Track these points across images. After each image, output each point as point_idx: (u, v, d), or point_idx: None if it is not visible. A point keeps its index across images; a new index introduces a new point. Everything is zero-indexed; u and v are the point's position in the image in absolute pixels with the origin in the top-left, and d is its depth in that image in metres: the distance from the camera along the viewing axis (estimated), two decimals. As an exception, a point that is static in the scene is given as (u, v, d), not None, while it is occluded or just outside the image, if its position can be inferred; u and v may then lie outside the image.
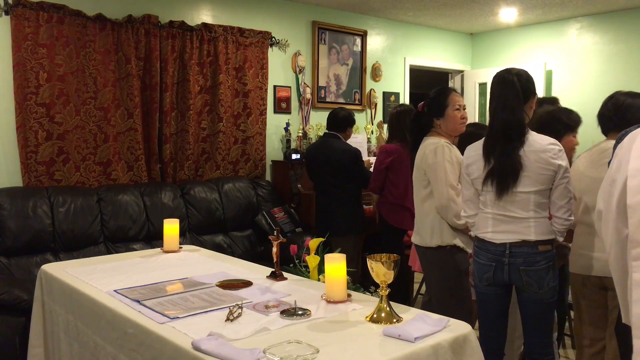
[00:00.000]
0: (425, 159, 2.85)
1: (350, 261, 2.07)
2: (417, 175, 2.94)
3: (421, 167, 2.88)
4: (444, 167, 2.78)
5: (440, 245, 2.85)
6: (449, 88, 3.06)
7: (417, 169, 2.94)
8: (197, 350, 1.59)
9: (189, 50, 4.65)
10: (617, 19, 5.90)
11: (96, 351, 2.13)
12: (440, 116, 2.87)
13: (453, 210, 2.75)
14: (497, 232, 2.44)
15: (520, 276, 2.39)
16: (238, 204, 4.72)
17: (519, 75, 2.53)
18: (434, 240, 2.86)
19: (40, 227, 3.77)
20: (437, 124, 2.89)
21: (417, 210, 2.99)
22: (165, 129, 4.58)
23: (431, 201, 2.86)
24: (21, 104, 3.92)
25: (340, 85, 5.89)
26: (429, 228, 2.87)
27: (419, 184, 2.93)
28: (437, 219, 2.83)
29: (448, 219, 2.79)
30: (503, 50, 6.91)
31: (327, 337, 1.70)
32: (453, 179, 2.78)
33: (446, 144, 2.83)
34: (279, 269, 2.42)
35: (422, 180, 2.90)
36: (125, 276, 2.47)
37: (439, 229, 2.84)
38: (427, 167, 2.83)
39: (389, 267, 1.82)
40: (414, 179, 2.99)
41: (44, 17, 3.98)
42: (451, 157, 2.80)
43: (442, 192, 2.78)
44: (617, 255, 1.03)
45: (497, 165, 2.40)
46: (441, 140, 2.84)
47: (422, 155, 2.88)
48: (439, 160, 2.79)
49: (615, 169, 1.05)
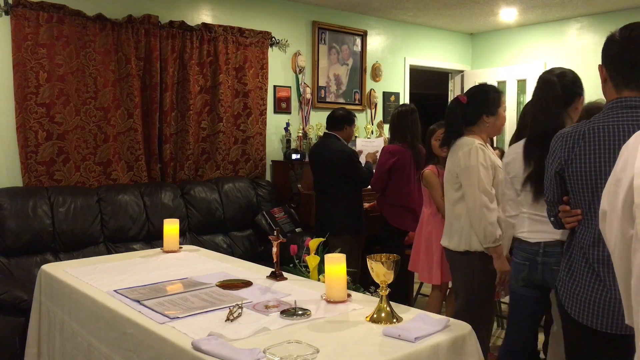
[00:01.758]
0: (457, 161, 2.72)
1: (347, 261, 2.07)
2: (449, 177, 2.82)
3: (453, 169, 2.76)
4: (477, 171, 2.65)
5: (468, 251, 2.74)
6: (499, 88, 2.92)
7: (448, 171, 2.82)
8: (197, 350, 1.59)
9: (189, 50, 4.65)
10: (617, 19, 5.90)
11: (89, 352, 2.13)
12: (492, 114, 2.73)
13: (486, 217, 2.63)
14: (532, 232, 2.43)
15: (553, 276, 2.35)
16: (238, 204, 4.72)
17: (561, 76, 2.44)
18: (462, 245, 2.76)
19: (40, 227, 3.77)
20: (484, 121, 2.74)
21: (447, 213, 2.88)
22: (165, 129, 4.58)
23: (462, 205, 2.75)
24: (21, 104, 3.92)
25: (340, 85, 5.89)
26: (458, 232, 2.77)
27: (451, 186, 2.81)
28: (467, 224, 2.72)
29: (481, 226, 2.65)
30: (503, 50, 6.91)
31: (327, 337, 1.70)
32: (487, 183, 2.66)
33: (480, 146, 2.69)
34: (279, 269, 2.42)
35: (453, 183, 2.78)
36: (125, 276, 2.47)
37: (468, 233, 2.72)
38: (460, 170, 2.71)
39: (389, 267, 1.82)
40: (445, 181, 2.87)
41: (44, 17, 3.98)
42: (485, 159, 2.67)
43: (475, 198, 2.65)
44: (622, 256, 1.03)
45: (536, 169, 2.35)
46: (475, 142, 2.70)
47: (455, 157, 2.75)
48: (473, 164, 2.65)
49: (620, 169, 1.05)
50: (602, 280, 1.75)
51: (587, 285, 1.80)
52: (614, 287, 1.72)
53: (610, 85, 1.77)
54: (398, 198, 4.02)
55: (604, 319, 1.75)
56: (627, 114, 1.71)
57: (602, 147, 1.73)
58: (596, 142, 1.75)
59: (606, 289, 1.74)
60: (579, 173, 1.79)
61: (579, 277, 1.84)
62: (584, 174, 1.78)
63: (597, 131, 1.75)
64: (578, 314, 1.83)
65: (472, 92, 2.82)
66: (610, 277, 1.74)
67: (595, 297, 1.77)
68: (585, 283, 1.81)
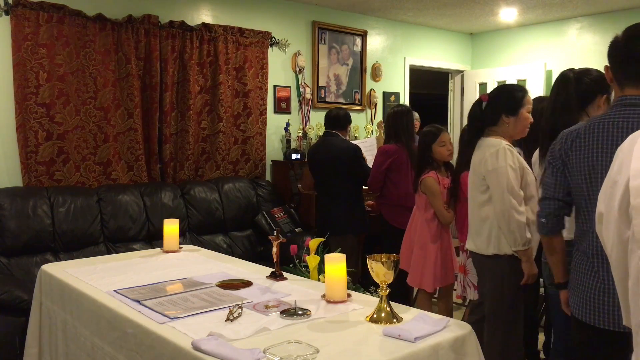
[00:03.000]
0: (484, 163, 2.61)
1: (348, 261, 2.07)
2: (475, 179, 2.72)
3: (480, 171, 2.66)
4: (505, 173, 2.55)
5: (496, 254, 2.64)
6: (525, 88, 2.76)
7: (474, 173, 2.72)
8: (197, 350, 1.59)
9: (189, 50, 4.65)
10: (617, 19, 5.90)
11: (93, 352, 2.13)
12: (513, 114, 2.62)
13: (515, 220, 2.54)
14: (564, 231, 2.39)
15: None
16: (238, 204, 4.72)
17: (581, 74, 2.38)
18: (490, 249, 2.66)
19: (40, 227, 3.77)
20: (504, 122, 2.63)
21: (472, 216, 2.78)
22: (165, 129, 4.58)
23: (489, 207, 2.65)
24: (21, 104, 3.92)
25: (340, 85, 5.89)
26: (486, 235, 2.67)
27: (476, 188, 2.71)
28: (495, 226, 2.63)
29: (510, 229, 2.56)
30: (503, 50, 6.91)
31: (327, 337, 1.70)
32: (515, 185, 2.56)
33: (508, 147, 2.59)
34: (279, 269, 2.42)
35: (480, 185, 2.68)
36: (125, 276, 2.47)
37: (497, 236, 2.63)
38: (487, 172, 2.61)
39: (389, 267, 1.82)
40: (470, 183, 2.77)
41: (44, 17, 3.98)
42: (514, 161, 2.58)
43: (503, 201, 2.55)
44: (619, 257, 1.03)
45: None
46: (502, 142, 2.60)
47: (481, 158, 2.64)
48: (501, 165, 2.56)
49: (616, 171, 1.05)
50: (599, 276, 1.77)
51: (585, 281, 1.82)
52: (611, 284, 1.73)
53: (615, 84, 1.80)
54: (397, 198, 4.02)
55: (602, 316, 1.76)
56: (626, 111, 1.74)
57: (599, 143, 1.76)
58: (593, 138, 1.78)
59: (604, 285, 1.76)
60: (576, 168, 1.82)
61: (578, 273, 1.86)
62: (581, 169, 1.81)
63: (595, 128, 1.78)
64: (577, 311, 1.85)
65: (494, 91, 2.74)
66: (606, 273, 1.75)
67: (592, 293, 1.79)
68: (583, 279, 1.83)
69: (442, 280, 3.48)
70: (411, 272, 3.56)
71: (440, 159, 3.50)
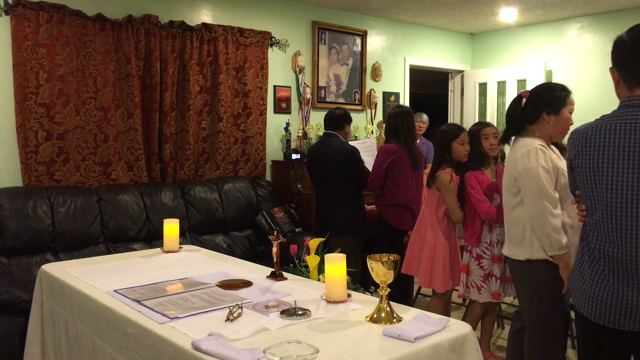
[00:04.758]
0: (515, 164, 2.51)
1: (347, 261, 2.07)
2: (507, 182, 2.61)
3: (512, 173, 2.55)
4: (537, 175, 2.43)
5: (529, 259, 2.53)
6: (568, 87, 2.63)
7: (506, 175, 2.61)
8: (197, 350, 1.59)
9: (189, 50, 4.65)
10: (617, 19, 5.90)
11: (94, 352, 2.13)
12: (554, 113, 2.50)
13: (550, 223, 2.41)
14: None
15: None
16: (238, 204, 4.72)
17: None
18: (522, 253, 2.55)
19: (40, 227, 3.77)
20: (544, 120, 2.51)
21: (506, 219, 2.68)
22: (165, 129, 4.58)
23: (521, 210, 2.55)
24: (21, 104, 3.92)
25: (340, 85, 5.89)
26: (518, 239, 2.57)
27: (509, 191, 2.60)
28: (528, 230, 2.52)
29: (544, 234, 2.44)
30: (503, 50, 6.91)
31: (327, 337, 1.70)
32: (549, 187, 2.43)
33: (540, 147, 2.47)
34: (279, 269, 2.42)
35: (512, 188, 2.57)
36: (125, 276, 2.47)
37: (529, 241, 2.52)
38: (518, 173, 2.50)
39: (389, 267, 1.82)
40: (504, 185, 2.66)
41: (44, 17, 3.98)
42: (546, 161, 2.45)
43: (535, 204, 2.44)
44: None
45: None
46: (535, 142, 2.48)
47: (513, 159, 2.54)
48: (533, 166, 2.44)
49: None
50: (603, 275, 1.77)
51: (589, 277, 1.82)
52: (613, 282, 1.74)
53: (623, 86, 1.79)
54: (396, 197, 4.02)
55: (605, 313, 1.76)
56: (634, 112, 1.73)
57: (605, 144, 1.76)
58: (600, 139, 1.78)
59: (607, 281, 1.77)
60: (582, 168, 1.83)
61: (583, 269, 1.86)
62: (585, 169, 1.82)
63: (602, 129, 1.78)
64: (581, 306, 1.85)
65: (536, 88, 2.62)
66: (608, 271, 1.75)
67: (596, 290, 1.79)
68: (587, 275, 1.83)
69: (454, 281, 3.48)
70: (422, 272, 3.53)
71: (457, 157, 3.46)
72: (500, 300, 3.41)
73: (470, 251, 3.42)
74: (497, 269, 3.34)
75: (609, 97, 3.09)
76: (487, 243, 3.36)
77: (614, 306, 1.74)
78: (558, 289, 2.50)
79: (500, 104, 6.81)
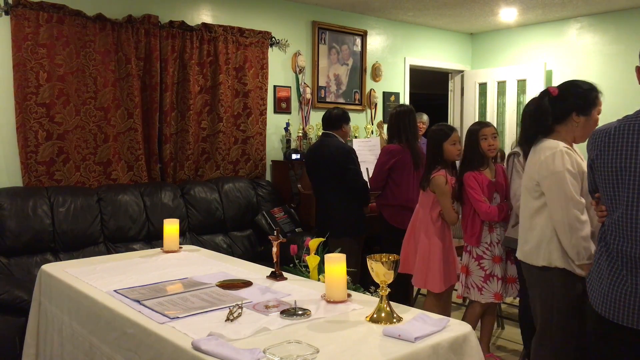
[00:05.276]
0: (539, 166, 2.42)
1: (347, 262, 2.07)
2: (528, 184, 2.51)
3: (534, 176, 2.46)
4: (564, 179, 2.33)
5: (546, 266, 2.45)
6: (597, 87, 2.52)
7: (528, 178, 2.52)
8: (197, 350, 1.59)
9: (189, 50, 4.65)
10: (617, 19, 5.90)
11: (91, 352, 2.13)
12: (584, 114, 2.41)
13: (578, 231, 2.32)
14: None
15: None
16: (238, 204, 4.72)
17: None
18: (539, 260, 2.47)
19: (40, 227, 3.76)
20: (574, 120, 2.41)
21: (523, 223, 2.59)
22: (165, 129, 4.58)
23: (542, 215, 2.45)
24: (21, 104, 3.92)
25: (340, 85, 5.89)
26: (535, 244, 2.48)
27: (530, 194, 2.51)
28: (547, 236, 2.43)
29: (572, 242, 2.33)
30: (503, 50, 6.91)
31: (327, 337, 1.70)
32: (575, 193, 2.34)
33: (566, 149, 2.38)
34: (279, 269, 2.42)
35: (533, 191, 2.48)
36: (125, 276, 2.47)
37: (547, 247, 2.43)
38: (542, 178, 2.41)
39: (389, 267, 1.82)
40: (524, 188, 2.56)
41: (44, 17, 3.98)
42: (572, 164, 2.36)
43: (562, 211, 2.34)
44: None
45: None
46: (560, 145, 2.39)
47: (536, 161, 2.45)
48: (558, 170, 2.34)
49: None
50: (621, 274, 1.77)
51: (605, 275, 1.82)
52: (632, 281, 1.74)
53: None
54: (397, 198, 4.02)
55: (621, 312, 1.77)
56: None
57: (628, 144, 1.76)
58: (623, 139, 1.78)
59: (625, 281, 1.77)
60: (602, 168, 1.84)
61: (601, 269, 1.86)
62: (607, 168, 1.82)
63: (625, 129, 1.79)
64: (597, 304, 1.85)
65: (565, 85, 2.49)
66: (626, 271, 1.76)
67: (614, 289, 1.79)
68: (605, 275, 1.83)
69: (449, 280, 3.48)
70: (416, 273, 3.53)
71: (450, 158, 3.45)
72: (502, 300, 3.40)
73: (470, 252, 3.41)
74: (498, 269, 3.34)
75: (609, 97, 3.10)
76: (487, 243, 3.35)
77: (633, 306, 1.74)
78: (575, 298, 2.42)
79: (500, 104, 6.81)
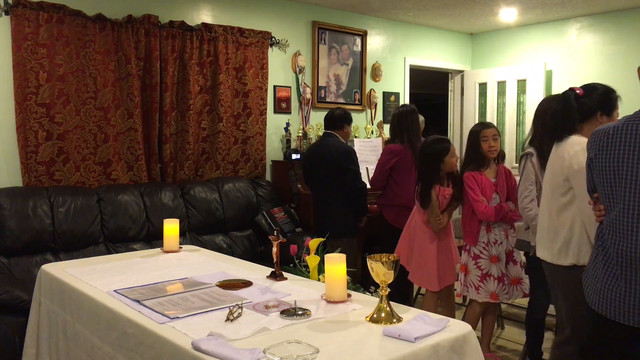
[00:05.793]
0: (569, 162, 2.38)
1: (347, 262, 2.07)
2: (554, 181, 2.48)
3: (562, 171, 2.43)
4: None
5: (575, 265, 2.40)
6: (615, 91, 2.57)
7: (554, 174, 2.48)
8: (197, 350, 1.59)
9: (189, 50, 4.65)
10: (617, 19, 5.90)
11: (92, 352, 2.13)
12: (608, 115, 2.45)
13: None
14: None
15: None
16: (238, 204, 4.72)
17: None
18: (568, 258, 2.43)
19: (40, 227, 3.76)
20: (598, 120, 2.43)
21: (547, 221, 2.55)
22: (165, 129, 4.58)
23: (570, 212, 2.42)
24: (21, 104, 3.92)
25: (340, 85, 5.89)
26: (563, 243, 2.44)
27: (556, 190, 2.47)
28: (577, 234, 2.40)
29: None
30: (503, 50, 6.91)
31: (327, 337, 1.70)
32: None
33: None
34: (279, 269, 2.42)
35: (560, 187, 2.44)
36: (125, 276, 2.47)
37: (577, 245, 2.40)
38: (572, 173, 2.37)
39: (389, 267, 1.82)
40: (548, 184, 2.53)
41: (44, 17, 3.98)
42: None
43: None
44: None
45: None
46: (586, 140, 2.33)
47: (565, 156, 2.41)
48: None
49: None
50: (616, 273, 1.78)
51: (602, 275, 1.83)
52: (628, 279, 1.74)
53: None
54: (398, 198, 4.02)
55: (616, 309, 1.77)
56: None
57: (626, 143, 1.77)
58: (621, 139, 1.79)
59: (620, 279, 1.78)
60: (601, 168, 1.85)
61: (597, 267, 1.87)
62: (605, 167, 1.83)
63: (624, 129, 1.79)
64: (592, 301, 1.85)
65: (590, 86, 2.53)
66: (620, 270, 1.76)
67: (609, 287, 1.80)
68: (601, 273, 1.84)
69: (444, 279, 3.48)
70: (412, 271, 3.56)
71: (449, 169, 3.46)
72: (498, 300, 3.41)
73: (469, 251, 3.43)
74: (495, 270, 3.34)
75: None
76: (484, 243, 3.36)
77: (627, 303, 1.74)
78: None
79: (500, 104, 6.81)
